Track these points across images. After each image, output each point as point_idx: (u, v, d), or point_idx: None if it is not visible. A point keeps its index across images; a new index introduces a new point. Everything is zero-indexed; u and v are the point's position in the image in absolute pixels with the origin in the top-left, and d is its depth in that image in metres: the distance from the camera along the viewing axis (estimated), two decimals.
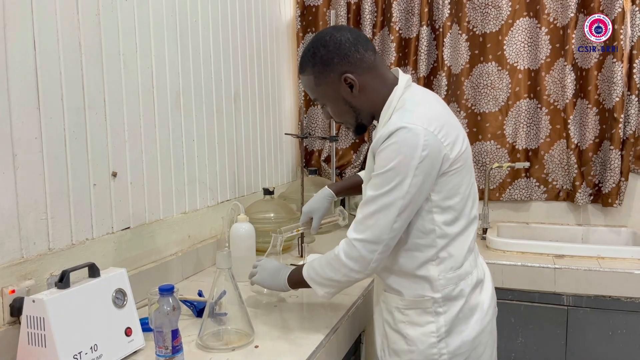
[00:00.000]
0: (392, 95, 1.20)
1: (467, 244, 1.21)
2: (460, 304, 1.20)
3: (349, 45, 1.18)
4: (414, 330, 1.20)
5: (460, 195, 1.17)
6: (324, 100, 1.26)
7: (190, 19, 1.72)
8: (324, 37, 1.21)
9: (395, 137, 1.09)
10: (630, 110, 2.16)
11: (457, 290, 1.20)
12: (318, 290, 1.25)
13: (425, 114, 1.13)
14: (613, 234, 2.27)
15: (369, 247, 1.14)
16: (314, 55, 1.20)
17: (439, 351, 1.19)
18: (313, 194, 2.27)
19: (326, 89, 1.22)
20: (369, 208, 1.14)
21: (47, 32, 1.18)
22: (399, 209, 1.11)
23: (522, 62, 2.31)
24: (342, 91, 1.21)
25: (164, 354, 1.03)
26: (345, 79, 1.19)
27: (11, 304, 1.08)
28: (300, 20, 2.52)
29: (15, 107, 1.10)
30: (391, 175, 1.10)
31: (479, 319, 1.22)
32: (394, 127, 1.10)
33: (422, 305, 1.20)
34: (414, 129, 1.09)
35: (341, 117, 1.28)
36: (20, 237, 1.12)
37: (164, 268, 1.56)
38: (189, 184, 1.72)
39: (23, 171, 1.12)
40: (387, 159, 1.10)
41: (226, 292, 1.18)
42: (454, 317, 1.19)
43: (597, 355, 1.85)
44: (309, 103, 2.59)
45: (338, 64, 1.18)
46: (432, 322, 1.19)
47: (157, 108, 1.55)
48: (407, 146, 1.09)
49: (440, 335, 1.19)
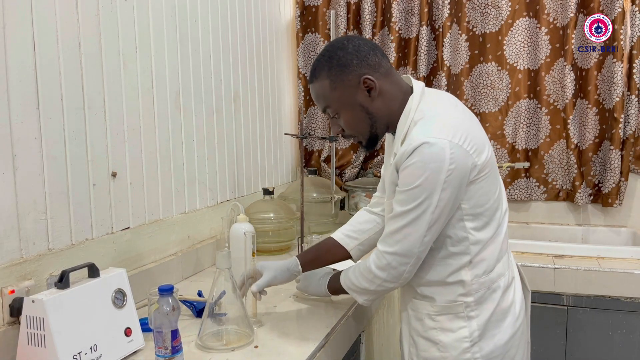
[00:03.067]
0: (409, 105, 1.16)
1: (499, 247, 1.19)
2: (492, 307, 1.18)
3: (368, 49, 1.17)
4: (446, 336, 1.18)
5: (491, 200, 1.16)
6: (337, 107, 1.20)
7: (190, 19, 1.72)
8: (341, 41, 1.19)
9: (419, 154, 1.07)
10: (630, 110, 2.16)
11: (489, 293, 1.18)
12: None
13: (447, 124, 1.10)
14: (613, 234, 2.27)
15: (400, 260, 1.13)
16: (330, 59, 1.17)
17: (472, 356, 1.17)
18: (313, 194, 2.30)
19: (342, 94, 1.17)
20: (398, 222, 1.12)
21: (47, 32, 1.17)
22: (429, 223, 1.10)
23: (522, 62, 2.31)
24: (359, 95, 1.17)
25: (164, 354, 1.03)
26: (364, 80, 1.15)
27: (11, 304, 1.08)
28: (300, 20, 2.52)
29: (14, 107, 1.10)
30: (418, 192, 1.08)
31: (511, 322, 1.21)
32: (417, 143, 1.07)
33: (454, 311, 1.18)
34: (439, 142, 1.06)
35: (355, 127, 1.21)
36: (19, 237, 1.12)
37: (164, 268, 1.56)
38: (189, 184, 1.72)
39: (22, 171, 1.12)
40: (412, 176, 1.08)
41: (226, 292, 1.18)
42: (486, 320, 1.18)
43: (597, 355, 1.85)
44: (308, 103, 2.59)
45: (357, 66, 1.15)
46: (464, 327, 1.17)
47: (156, 108, 1.55)
48: (433, 162, 1.06)
49: (473, 340, 1.17)
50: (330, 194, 2.35)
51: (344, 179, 2.53)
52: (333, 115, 1.22)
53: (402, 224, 1.11)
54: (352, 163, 2.53)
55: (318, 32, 2.51)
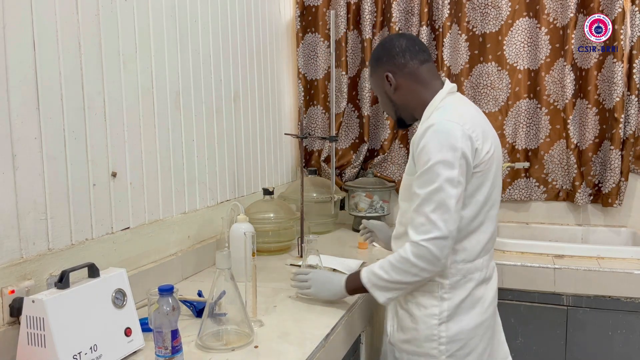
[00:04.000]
0: (435, 98, 1.33)
1: (482, 243, 1.30)
2: (464, 295, 1.30)
3: (398, 51, 1.37)
4: (419, 310, 1.31)
5: (484, 195, 1.27)
6: (374, 89, 1.46)
7: (189, 19, 1.72)
8: (387, 38, 1.43)
9: (433, 132, 1.21)
10: (630, 110, 2.16)
11: (464, 282, 1.30)
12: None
13: (461, 115, 1.26)
14: (613, 234, 2.27)
15: (439, 244, 1.20)
16: (373, 53, 1.44)
17: (438, 333, 1.29)
18: (313, 194, 2.30)
19: (375, 80, 1.43)
20: (426, 207, 1.20)
21: (47, 32, 1.18)
22: (455, 199, 1.19)
23: (522, 62, 2.31)
24: (385, 86, 1.40)
25: (164, 354, 1.03)
26: (386, 76, 1.38)
27: (11, 304, 1.08)
28: (300, 20, 2.52)
29: (14, 107, 1.10)
30: (439, 168, 1.19)
31: (479, 313, 1.31)
32: (430, 123, 1.23)
33: (429, 289, 1.30)
34: (450, 124, 1.22)
35: (385, 108, 1.46)
36: (19, 237, 1.12)
37: (164, 268, 1.56)
38: (189, 184, 1.72)
39: (23, 171, 1.12)
40: (429, 153, 1.20)
41: (226, 292, 1.18)
42: (456, 305, 1.29)
43: (597, 355, 1.85)
44: (308, 103, 2.59)
45: (385, 63, 1.38)
46: (436, 305, 1.29)
47: (156, 108, 1.55)
48: (446, 139, 1.20)
49: (441, 319, 1.29)
50: (330, 194, 2.35)
51: (344, 179, 2.53)
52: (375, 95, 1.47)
53: (432, 207, 1.20)
54: (352, 163, 2.53)
55: (318, 32, 2.52)
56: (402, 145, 2.49)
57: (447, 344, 1.29)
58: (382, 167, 2.54)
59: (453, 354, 1.29)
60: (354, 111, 2.55)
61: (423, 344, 1.30)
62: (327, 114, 2.56)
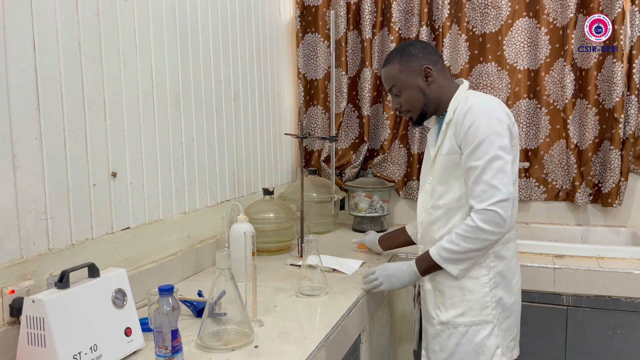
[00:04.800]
0: (458, 92, 1.48)
1: (516, 209, 1.44)
2: (505, 263, 1.46)
3: (430, 49, 1.52)
4: (471, 282, 1.44)
5: (516, 167, 1.42)
6: (400, 87, 1.50)
7: (189, 19, 1.72)
8: (413, 41, 1.55)
9: (477, 110, 1.36)
10: (629, 110, 2.16)
11: (504, 250, 1.46)
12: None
13: (494, 99, 1.44)
14: (612, 234, 2.27)
15: (503, 206, 1.33)
16: (403, 50, 1.51)
17: (491, 299, 1.44)
18: (313, 194, 2.30)
19: (406, 76, 1.49)
20: (485, 175, 1.33)
21: (47, 32, 1.18)
22: (510, 163, 1.35)
23: (522, 62, 2.31)
24: (419, 80, 1.49)
25: (164, 354, 1.03)
26: (425, 69, 1.48)
27: (11, 304, 1.08)
28: (299, 20, 2.52)
29: (14, 107, 1.10)
30: (491, 138, 1.33)
31: (516, 284, 1.51)
32: (470, 104, 1.38)
33: (477, 261, 1.43)
34: (490, 102, 1.39)
35: (411, 104, 1.51)
36: (19, 237, 1.12)
37: (164, 268, 1.56)
38: (189, 184, 1.72)
39: (23, 171, 1.12)
40: (479, 129, 1.34)
41: (226, 292, 1.18)
42: (501, 271, 1.45)
43: (597, 355, 1.85)
44: (308, 103, 2.59)
45: (422, 58, 1.49)
46: (485, 274, 1.44)
47: (156, 108, 1.55)
48: (493, 112, 1.36)
49: (491, 286, 1.45)
50: (330, 194, 2.35)
51: (344, 179, 2.53)
52: (396, 93, 1.52)
53: (491, 174, 1.33)
54: (352, 163, 2.53)
55: (318, 32, 2.52)
56: (402, 145, 2.49)
57: (496, 308, 1.44)
58: (382, 167, 2.54)
59: (500, 316, 1.45)
60: (354, 111, 2.55)
61: (480, 312, 1.44)
62: (327, 114, 2.56)
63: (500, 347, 1.46)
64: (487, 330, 1.44)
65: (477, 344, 1.44)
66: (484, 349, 1.44)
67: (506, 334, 1.48)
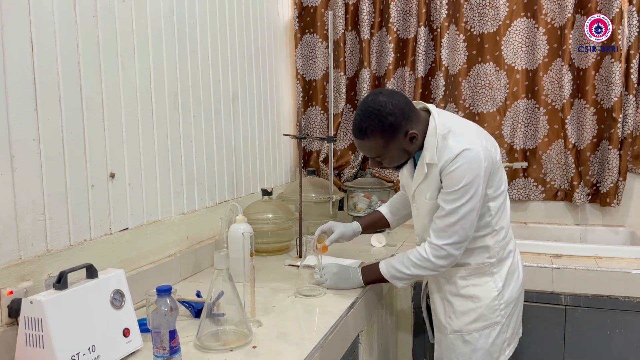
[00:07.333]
0: (432, 123, 1.43)
1: (508, 215, 1.52)
2: (508, 263, 1.53)
3: (407, 108, 1.40)
4: (478, 290, 1.50)
5: (503, 181, 1.48)
6: (387, 156, 1.45)
7: (188, 20, 1.72)
8: (386, 106, 1.38)
9: (462, 158, 1.36)
10: (628, 110, 2.17)
11: (505, 254, 1.52)
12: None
13: (473, 134, 1.43)
14: (611, 233, 2.27)
15: (457, 247, 1.42)
16: (382, 123, 1.38)
17: (499, 302, 1.50)
18: (311, 195, 2.30)
19: (393, 147, 1.42)
20: (451, 218, 1.40)
21: (45, 33, 1.18)
22: (477, 211, 1.40)
23: (520, 62, 2.32)
24: (405, 144, 1.43)
25: (162, 354, 1.03)
26: (411, 135, 1.41)
27: (9, 305, 1.08)
28: (298, 21, 2.53)
29: (13, 108, 1.10)
30: (467, 188, 1.37)
31: (519, 277, 1.56)
32: (458, 150, 1.37)
33: (481, 270, 1.51)
34: (475, 148, 1.37)
35: (396, 162, 1.49)
36: (18, 238, 1.12)
37: (162, 269, 1.56)
38: (187, 185, 1.72)
39: (21, 172, 1.12)
40: (460, 177, 1.37)
41: (224, 293, 1.19)
42: (506, 273, 1.52)
43: (595, 354, 1.85)
44: (307, 104, 2.59)
45: (405, 126, 1.40)
46: (490, 280, 1.51)
47: (155, 109, 1.56)
48: (474, 163, 1.37)
49: (498, 289, 1.50)
50: (329, 194, 2.35)
51: (343, 179, 2.53)
52: (379, 160, 1.48)
53: (456, 218, 1.39)
54: (350, 163, 2.53)
55: (316, 32, 2.52)
56: None
57: (505, 308, 1.51)
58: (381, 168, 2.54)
59: (508, 314, 1.52)
60: (353, 112, 2.55)
61: (490, 316, 1.50)
62: (325, 115, 2.56)
63: (507, 340, 1.54)
64: (497, 329, 1.51)
65: (491, 345, 1.51)
66: (495, 347, 1.52)
67: (514, 324, 1.56)
